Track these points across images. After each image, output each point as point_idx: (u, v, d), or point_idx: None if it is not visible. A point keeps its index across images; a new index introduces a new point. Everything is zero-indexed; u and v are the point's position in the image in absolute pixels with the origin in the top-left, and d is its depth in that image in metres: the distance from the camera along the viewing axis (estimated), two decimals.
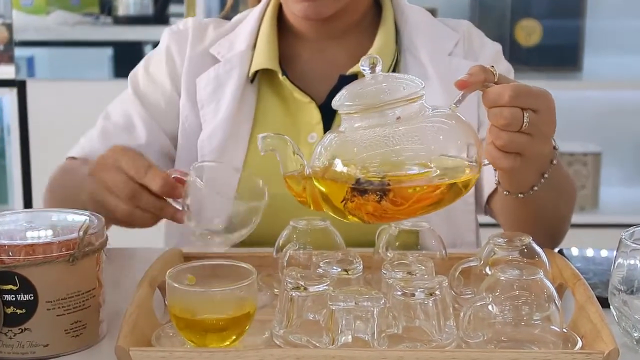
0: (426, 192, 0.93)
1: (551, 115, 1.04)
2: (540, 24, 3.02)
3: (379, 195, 0.92)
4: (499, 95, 0.98)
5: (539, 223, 1.19)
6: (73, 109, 2.84)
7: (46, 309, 0.93)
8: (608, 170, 3.07)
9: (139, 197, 1.11)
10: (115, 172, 1.11)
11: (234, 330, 0.91)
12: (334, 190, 0.94)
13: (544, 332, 0.92)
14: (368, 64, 0.96)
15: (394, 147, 0.92)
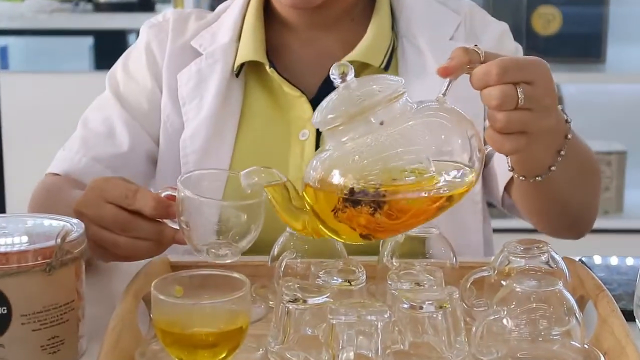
0: (424, 202, 0.92)
1: (548, 83, 1.03)
2: (559, 11, 3.02)
3: (372, 207, 0.91)
4: (486, 74, 0.97)
5: (564, 210, 1.16)
6: (50, 104, 2.84)
7: (21, 323, 0.93)
8: (634, 171, 3.06)
9: (134, 226, 1.07)
10: (102, 205, 1.08)
11: (225, 346, 0.91)
12: (324, 206, 0.94)
13: (563, 348, 0.92)
14: (338, 74, 0.95)
15: (384, 154, 0.92)
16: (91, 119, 1.40)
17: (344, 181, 0.92)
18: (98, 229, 1.07)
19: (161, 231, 1.07)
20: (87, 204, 1.08)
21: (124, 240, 1.07)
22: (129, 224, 1.06)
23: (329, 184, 0.93)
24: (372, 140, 0.92)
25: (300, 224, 0.97)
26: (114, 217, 1.06)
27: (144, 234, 1.07)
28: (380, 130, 0.92)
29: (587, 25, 3.03)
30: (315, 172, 0.95)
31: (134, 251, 1.08)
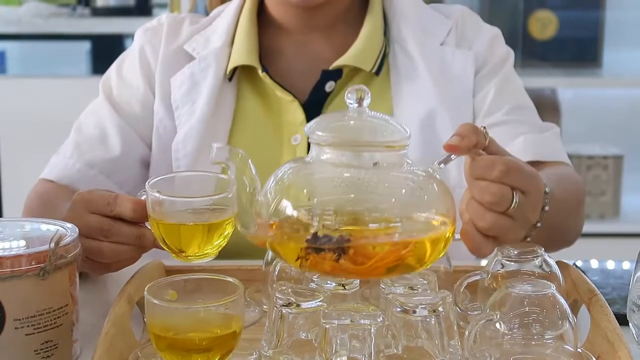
0: (391, 249, 0.90)
1: (538, 200, 1.02)
2: (556, 15, 3.03)
3: (337, 253, 0.89)
4: (489, 167, 0.95)
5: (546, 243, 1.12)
6: (48, 109, 2.85)
7: (14, 327, 0.93)
8: (630, 175, 3.07)
9: (116, 230, 1.07)
10: (86, 216, 1.08)
11: (219, 350, 0.91)
12: (288, 251, 0.93)
13: (556, 352, 0.92)
14: (355, 97, 0.94)
15: (360, 195, 0.90)
16: (84, 124, 1.40)
17: (298, 217, 0.90)
18: (84, 239, 1.06)
19: (142, 234, 1.07)
20: (73, 217, 1.08)
21: (107, 246, 1.07)
22: (111, 229, 1.06)
23: (291, 219, 0.91)
24: (359, 177, 0.91)
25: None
26: (98, 224, 1.06)
27: (125, 238, 1.07)
28: (371, 170, 0.91)
29: (583, 29, 3.04)
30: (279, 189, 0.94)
31: (116, 256, 1.08)
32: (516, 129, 1.34)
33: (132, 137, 1.38)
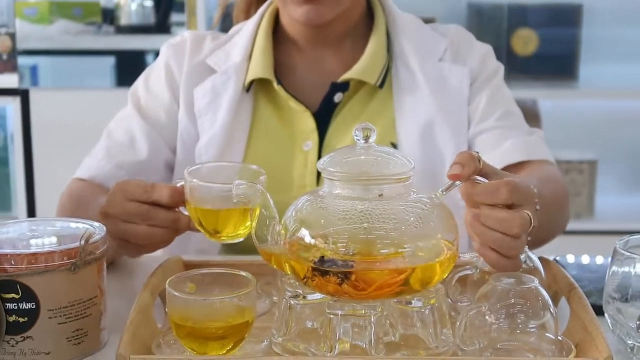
0: (390, 277, 0.88)
1: (534, 205, 0.99)
2: (536, 33, 3.02)
3: (340, 277, 0.88)
4: (494, 192, 0.93)
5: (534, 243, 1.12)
6: (76, 118, 2.85)
7: (48, 317, 0.93)
8: (604, 178, 3.07)
9: (152, 215, 1.09)
10: (125, 203, 1.09)
11: (233, 338, 0.91)
12: (297, 267, 0.92)
13: (539, 340, 0.92)
14: (362, 135, 0.93)
15: (367, 224, 0.89)
16: (114, 130, 1.40)
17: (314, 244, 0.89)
18: (123, 223, 1.09)
19: (177, 219, 1.09)
20: (112, 204, 1.10)
21: (144, 229, 1.09)
22: (148, 214, 1.08)
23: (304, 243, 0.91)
24: (366, 208, 0.90)
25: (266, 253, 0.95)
26: (136, 210, 1.08)
27: (161, 222, 1.09)
28: (377, 201, 0.90)
29: (561, 46, 3.03)
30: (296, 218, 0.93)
31: (152, 238, 1.10)
32: (506, 133, 1.35)
33: (158, 142, 1.38)
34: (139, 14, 3.16)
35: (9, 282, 0.92)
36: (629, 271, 0.96)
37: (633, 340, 0.96)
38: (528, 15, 3.03)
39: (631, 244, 0.99)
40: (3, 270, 0.92)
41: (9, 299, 0.92)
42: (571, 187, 2.91)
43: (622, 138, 3.15)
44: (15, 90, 2.98)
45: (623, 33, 3.11)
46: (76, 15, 3.21)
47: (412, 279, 0.89)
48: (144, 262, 1.28)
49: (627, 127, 3.15)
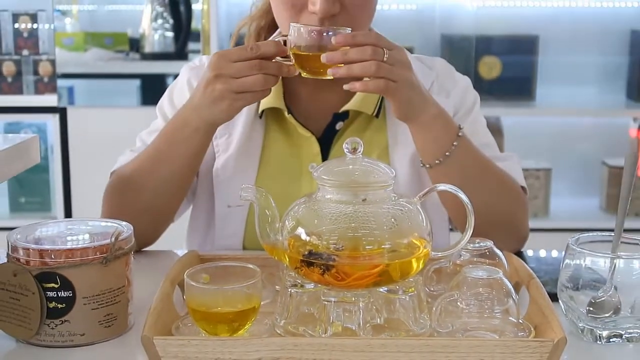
0: (366, 270, 0.88)
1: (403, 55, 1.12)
2: (499, 60, 3.04)
3: (322, 269, 0.88)
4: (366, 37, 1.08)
5: (481, 218, 1.00)
6: (106, 132, 2.85)
7: (83, 303, 0.93)
8: (557, 183, 3.08)
9: (265, 65, 1.11)
10: (229, 66, 1.11)
11: (241, 322, 0.91)
12: (290, 258, 0.92)
13: (503, 323, 0.92)
14: (350, 147, 0.93)
15: (354, 224, 0.89)
16: (146, 137, 1.35)
17: (308, 240, 0.90)
18: (237, 79, 1.12)
19: (281, 66, 1.13)
20: (220, 67, 1.12)
21: (262, 77, 1.12)
22: (261, 64, 1.11)
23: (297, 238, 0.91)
24: (352, 210, 0.90)
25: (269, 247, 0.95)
26: (248, 64, 1.11)
27: (273, 70, 1.12)
28: (360, 205, 0.90)
29: (521, 71, 3.04)
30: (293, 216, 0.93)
31: (268, 84, 1.13)
32: None
33: None
34: (161, 43, 3.16)
35: (49, 274, 0.92)
36: (580, 264, 0.96)
37: (583, 323, 0.96)
38: (492, 45, 3.04)
39: (581, 241, 0.99)
40: (44, 264, 0.92)
41: (50, 288, 0.92)
42: (529, 191, 2.90)
43: (572, 149, 3.17)
44: (54, 109, 2.98)
45: (573, 60, 3.13)
46: (107, 44, 3.21)
47: (390, 272, 0.89)
48: (165, 256, 1.28)
49: (577, 140, 3.16)
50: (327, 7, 1.14)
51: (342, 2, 1.17)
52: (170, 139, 1.22)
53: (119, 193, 1.28)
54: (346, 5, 1.17)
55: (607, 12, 3.10)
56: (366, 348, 0.85)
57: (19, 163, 1.14)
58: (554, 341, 0.85)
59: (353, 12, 1.18)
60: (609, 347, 0.94)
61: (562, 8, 3.10)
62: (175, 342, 0.86)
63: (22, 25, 3.11)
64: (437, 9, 3.10)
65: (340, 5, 1.16)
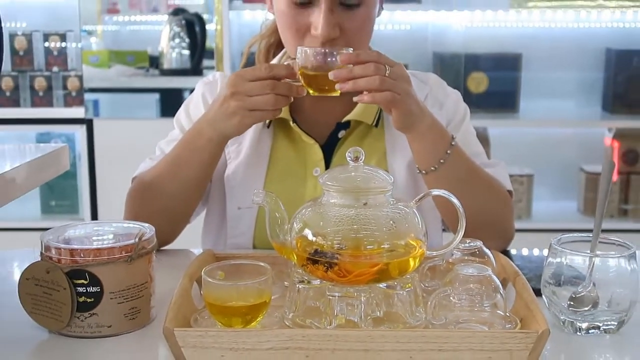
0: (365, 268, 0.88)
1: (405, 74, 1.12)
2: (486, 76, 3.04)
3: (326, 266, 0.88)
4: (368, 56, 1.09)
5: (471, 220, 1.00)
6: (128, 141, 2.85)
7: (109, 298, 0.93)
8: (538, 188, 3.07)
9: (277, 85, 1.12)
10: (245, 85, 1.12)
11: (254, 315, 0.91)
12: (297, 257, 0.92)
13: (492, 316, 0.92)
14: (352, 156, 0.93)
15: (356, 226, 0.89)
16: (165, 146, 1.35)
17: (314, 241, 0.89)
18: (251, 98, 1.12)
19: (290, 87, 1.13)
20: (237, 85, 1.13)
21: (273, 97, 1.12)
22: (274, 85, 1.12)
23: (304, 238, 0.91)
24: (354, 214, 0.90)
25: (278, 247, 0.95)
26: (263, 84, 1.12)
27: (284, 90, 1.13)
28: (363, 209, 0.90)
29: (505, 86, 3.04)
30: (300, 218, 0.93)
31: (279, 104, 1.13)
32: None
33: None
34: (178, 60, 3.16)
35: (79, 271, 0.92)
36: (562, 262, 0.96)
37: (565, 316, 0.96)
38: (480, 62, 3.04)
39: (563, 241, 0.99)
40: (74, 262, 0.92)
41: (79, 284, 0.92)
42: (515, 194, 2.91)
43: (553, 157, 3.16)
44: (82, 120, 2.99)
45: (553, 76, 3.13)
46: (129, 61, 3.22)
47: (389, 269, 0.89)
48: (184, 255, 1.28)
49: (556, 149, 3.16)
50: (328, 31, 1.15)
51: (342, 27, 1.17)
52: (187, 148, 1.22)
53: (140, 197, 1.28)
54: (345, 29, 1.17)
55: (583, 32, 3.10)
56: (367, 339, 0.85)
57: (50, 170, 1.14)
58: (538, 332, 0.84)
59: (351, 35, 1.18)
60: (588, 338, 0.94)
61: (543, 28, 3.10)
62: (194, 333, 0.86)
63: (52, 44, 3.11)
64: (429, 29, 3.10)
65: (339, 30, 1.17)
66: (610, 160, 0.97)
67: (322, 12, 1.15)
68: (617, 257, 0.95)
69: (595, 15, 3.05)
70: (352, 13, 1.18)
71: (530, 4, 2.94)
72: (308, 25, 1.18)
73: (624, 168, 3.03)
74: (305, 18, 1.18)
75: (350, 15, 1.18)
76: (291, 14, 1.18)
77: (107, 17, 3.25)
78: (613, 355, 0.90)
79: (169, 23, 3.13)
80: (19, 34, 3.07)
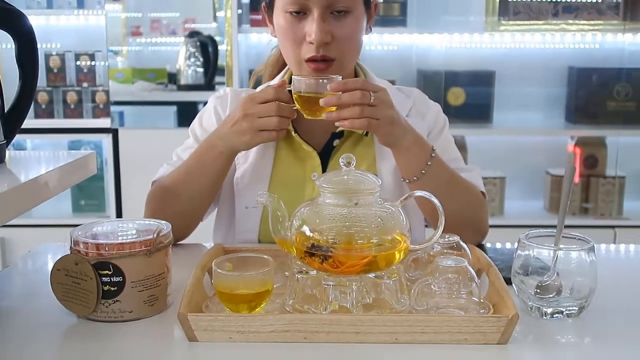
0: (356, 260, 0.88)
1: (388, 100, 1.11)
2: (464, 90, 3.04)
3: (321, 258, 0.88)
4: (354, 83, 1.08)
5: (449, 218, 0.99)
6: (149, 148, 2.84)
7: (131, 287, 0.93)
8: (510, 189, 3.07)
9: (282, 108, 1.13)
10: (255, 107, 1.13)
11: (258, 301, 0.91)
12: (296, 250, 0.92)
13: (468, 302, 0.92)
14: (345, 162, 0.93)
15: (348, 223, 0.89)
16: (181, 153, 1.35)
17: (311, 236, 0.89)
18: (260, 119, 1.13)
19: (291, 110, 1.15)
20: (248, 107, 1.14)
21: (279, 119, 1.14)
22: (279, 107, 1.13)
23: (303, 234, 0.91)
24: (346, 212, 0.90)
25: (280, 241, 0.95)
26: (271, 106, 1.13)
27: (288, 113, 1.14)
28: (354, 208, 0.90)
29: (481, 99, 3.04)
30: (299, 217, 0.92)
31: (283, 125, 1.14)
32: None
33: None
34: (193, 77, 3.15)
35: (104, 263, 0.92)
36: (529, 254, 0.96)
37: (532, 302, 0.96)
38: (458, 79, 3.04)
39: (530, 236, 0.99)
40: (100, 255, 0.92)
41: (104, 274, 0.92)
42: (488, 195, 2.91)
43: (522, 162, 3.16)
44: (108, 129, 2.98)
45: (522, 91, 3.13)
46: (150, 77, 3.21)
47: (377, 261, 0.89)
48: (197, 249, 1.28)
49: (525, 155, 3.16)
50: (321, 37, 1.17)
51: (333, 34, 1.18)
52: (201, 159, 1.22)
53: (159, 198, 1.27)
54: (336, 37, 1.19)
55: (549, 52, 3.10)
56: (358, 322, 0.85)
57: (80, 173, 1.14)
58: (509, 317, 0.85)
59: (342, 42, 1.20)
60: (553, 321, 0.94)
61: (513, 49, 3.10)
62: (205, 318, 0.86)
63: (82, 62, 3.11)
64: (414, 49, 3.10)
65: (331, 37, 1.18)
66: (572, 165, 0.97)
67: (315, 21, 1.17)
68: (578, 250, 0.95)
69: (559, 38, 3.05)
70: (342, 22, 1.19)
71: (502, 27, 2.94)
72: (304, 34, 1.19)
73: (585, 171, 3.03)
74: (301, 29, 1.19)
75: (340, 24, 1.19)
76: (289, 25, 1.20)
77: (131, 39, 3.24)
78: (574, 336, 0.90)
79: (185, 44, 3.13)
80: (53, 54, 3.08)
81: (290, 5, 1.18)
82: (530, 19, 2.92)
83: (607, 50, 3.04)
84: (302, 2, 1.17)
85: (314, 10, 1.17)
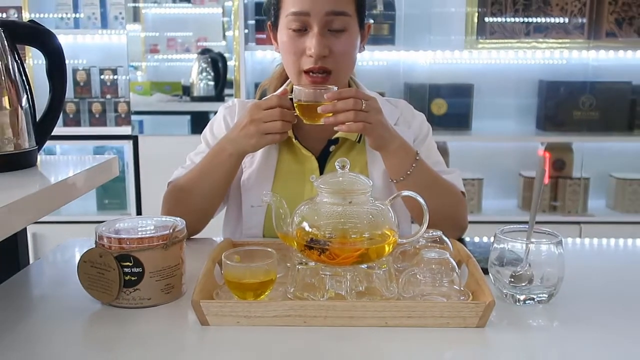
0: (350, 252, 0.88)
1: (376, 104, 1.12)
2: (446, 101, 3.04)
3: (319, 251, 0.88)
4: (347, 92, 1.09)
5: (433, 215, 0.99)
6: (166, 153, 2.84)
7: (149, 276, 0.93)
8: (487, 189, 3.08)
9: (284, 113, 1.14)
10: (261, 113, 1.14)
11: (263, 290, 0.91)
12: (297, 244, 0.92)
13: (449, 290, 0.92)
14: (340, 165, 0.94)
15: (343, 220, 0.89)
16: (194, 157, 1.34)
17: (310, 231, 0.89)
18: (265, 123, 1.14)
19: (292, 115, 1.16)
20: (254, 113, 1.15)
21: (282, 123, 1.15)
22: (283, 113, 1.14)
23: (302, 230, 0.91)
24: (341, 210, 0.90)
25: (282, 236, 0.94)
26: (276, 111, 1.14)
27: (290, 118, 1.16)
28: (348, 206, 0.90)
29: (461, 109, 3.05)
30: (299, 214, 0.92)
31: (286, 128, 1.15)
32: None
33: None
34: (205, 89, 3.15)
35: (125, 255, 0.92)
36: (504, 247, 0.96)
37: (507, 290, 0.96)
38: (441, 91, 3.04)
39: (505, 231, 0.99)
40: (122, 248, 0.92)
41: (126, 265, 0.92)
42: (467, 195, 2.91)
43: (498, 165, 3.16)
44: (129, 136, 2.98)
45: (498, 102, 3.13)
46: (166, 90, 3.21)
47: (369, 253, 0.89)
48: (208, 242, 1.27)
49: (501, 158, 3.16)
50: (319, 50, 1.18)
51: (330, 48, 1.19)
52: (212, 161, 1.22)
53: (174, 198, 1.27)
54: (333, 51, 1.19)
55: (521, 67, 3.10)
56: (352, 308, 0.85)
57: (104, 176, 1.14)
58: (486, 303, 0.85)
59: (338, 56, 1.20)
60: (525, 307, 0.94)
61: (490, 64, 3.11)
62: (215, 304, 0.85)
63: (106, 76, 3.11)
64: (401, 64, 3.10)
65: (329, 51, 1.19)
66: (542, 168, 0.97)
67: (315, 36, 1.18)
68: (548, 243, 0.95)
69: (530, 54, 3.06)
70: (339, 38, 1.19)
71: (480, 45, 2.95)
72: (304, 48, 1.20)
73: (554, 173, 3.03)
74: (302, 43, 1.20)
75: (336, 40, 1.19)
76: (291, 41, 1.20)
77: (150, 55, 3.24)
78: (545, 320, 0.90)
79: (198, 60, 3.13)
80: (80, 69, 3.08)
81: (294, 23, 1.19)
82: (505, 37, 2.93)
83: (573, 66, 3.05)
84: (303, 20, 1.18)
85: (314, 28, 1.18)
